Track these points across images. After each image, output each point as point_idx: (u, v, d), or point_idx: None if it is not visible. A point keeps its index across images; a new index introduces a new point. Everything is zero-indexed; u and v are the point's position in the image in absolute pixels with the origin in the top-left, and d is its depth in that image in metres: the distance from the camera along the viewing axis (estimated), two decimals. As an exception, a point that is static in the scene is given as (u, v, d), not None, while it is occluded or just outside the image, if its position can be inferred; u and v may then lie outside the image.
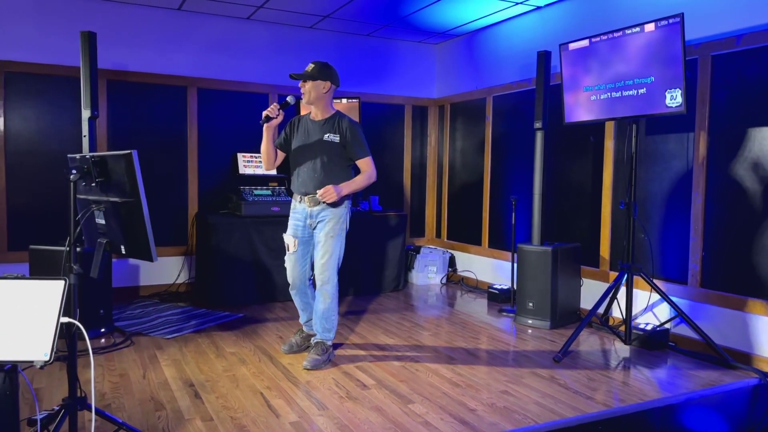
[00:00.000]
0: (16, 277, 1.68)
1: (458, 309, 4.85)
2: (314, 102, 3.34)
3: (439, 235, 6.40)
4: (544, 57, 4.36)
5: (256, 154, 5.26)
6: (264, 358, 3.45)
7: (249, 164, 5.27)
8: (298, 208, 3.41)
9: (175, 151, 5.23)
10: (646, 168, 4.06)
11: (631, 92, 3.59)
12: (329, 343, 3.39)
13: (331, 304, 3.34)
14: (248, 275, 4.80)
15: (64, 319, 1.64)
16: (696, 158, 3.74)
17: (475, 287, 5.66)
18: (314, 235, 3.38)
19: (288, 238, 3.42)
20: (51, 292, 1.65)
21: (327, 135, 3.33)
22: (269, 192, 5.02)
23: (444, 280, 5.90)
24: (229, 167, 5.37)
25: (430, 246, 6.27)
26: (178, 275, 5.24)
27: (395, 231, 5.47)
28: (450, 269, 6.05)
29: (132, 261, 5.09)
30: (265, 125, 3.32)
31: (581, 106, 3.94)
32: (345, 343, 3.80)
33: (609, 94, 3.73)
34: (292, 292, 3.51)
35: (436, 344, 3.80)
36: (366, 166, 3.39)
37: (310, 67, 3.32)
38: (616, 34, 3.65)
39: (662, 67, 3.41)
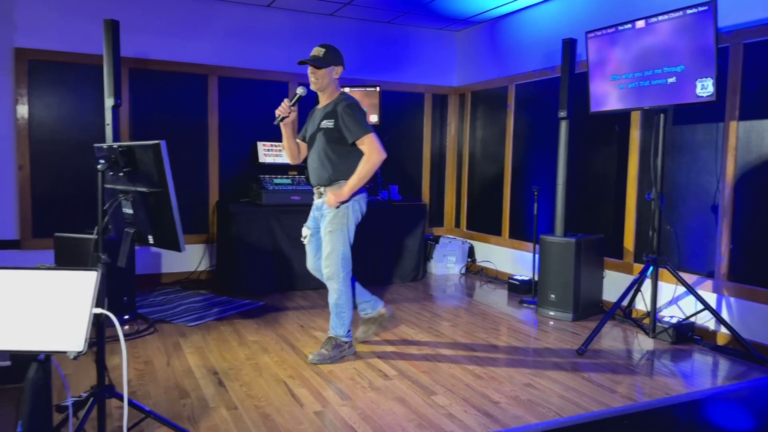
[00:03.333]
0: (49, 268, 1.69)
1: (478, 299, 4.83)
2: (325, 89, 3.20)
3: (458, 224, 6.37)
4: (569, 45, 4.28)
5: (276, 143, 5.27)
6: (286, 347, 3.47)
7: (269, 153, 5.27)
8: (315, 200, 3.35)
9: (196, 140, 5.24)
10: (672, 158, 3.98)
11: (660, 81, 3.52)
12: (343, 339, 3.27)
13: (339, 300, 3.23)
14: (268, 264, 4.82)
15: (97, 310, 1.65)
16: (725, 148, 3.66)
17: (494, 278, 5.63)
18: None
19: (304, 229, 3.39)
20: (83, 282, 1.66)
21: (324, 122, 3.17)
22: (289, 181, 5.01)
23: (463, 271, 5.87)
24: (250, 156, 5.37)
25: (449, 236, 6.24)
26: (200, 263, 5.28)
27: (414, 221, 5.45)
28: (469, 259, 6.02)
29: (154, 248, 5.14)
30: (280, 124, 3.24)
31: (608, 95, 3.87)
32: (366, 332, 3.80)
33: (637, 83, 3.65)
34: (315, 274, 3.45)
35: (456, 335, 3.79)
36: (366, 147, 3.11)
37: (321, 51, 3.13)
38: (645, 22, 3.57)
39: (693, 55, 3.32)
